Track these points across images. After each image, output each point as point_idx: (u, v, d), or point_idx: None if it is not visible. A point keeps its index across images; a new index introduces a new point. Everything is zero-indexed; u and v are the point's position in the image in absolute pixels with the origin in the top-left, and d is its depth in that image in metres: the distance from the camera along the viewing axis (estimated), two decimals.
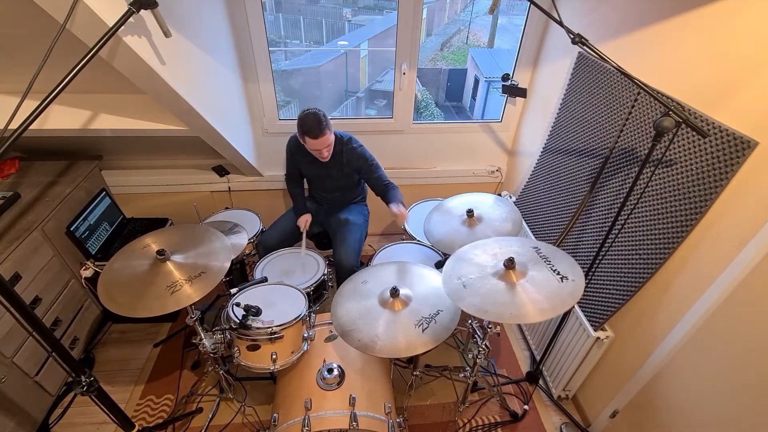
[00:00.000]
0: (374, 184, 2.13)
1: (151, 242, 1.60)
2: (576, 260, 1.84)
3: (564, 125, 2.08)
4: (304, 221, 2.20)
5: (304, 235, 2.18)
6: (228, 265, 1.53)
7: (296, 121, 1.89)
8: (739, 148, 1.21)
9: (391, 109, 2.54)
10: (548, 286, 1.30)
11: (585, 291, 1.79)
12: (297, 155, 2.11)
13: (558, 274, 1.33)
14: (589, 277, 1.68)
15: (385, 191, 2.10)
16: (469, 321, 1.84)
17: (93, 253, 2.16)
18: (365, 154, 2.09)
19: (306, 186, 2.35)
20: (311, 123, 1.84)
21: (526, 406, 2.05)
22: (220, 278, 1.49)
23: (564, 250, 1.94)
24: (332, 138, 1.95)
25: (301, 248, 2.16)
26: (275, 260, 2.08)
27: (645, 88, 1.29)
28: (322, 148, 1.91)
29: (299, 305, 1.67)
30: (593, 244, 1.79)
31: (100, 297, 1.41)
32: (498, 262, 1.39)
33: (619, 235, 1.65)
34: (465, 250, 1.52)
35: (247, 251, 2.17)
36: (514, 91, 2.52)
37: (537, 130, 2.41)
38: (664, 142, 1.45)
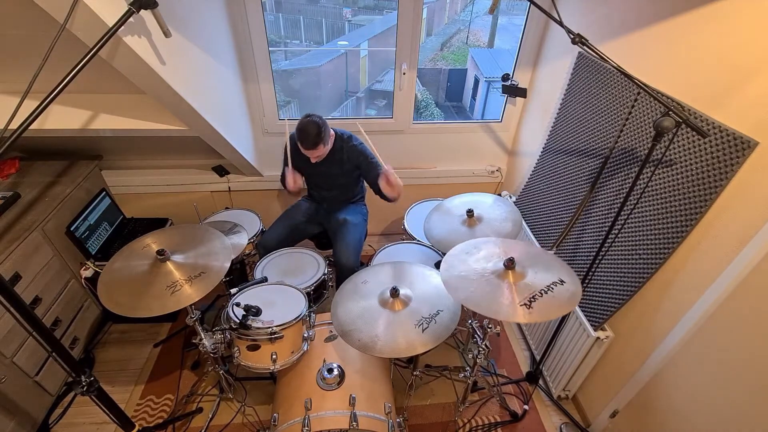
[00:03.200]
0: (373, 183, 2.13)
1: (151, 242, 1.60)
2: (576, 259, 1.86)
3: (564, 125, 2.08)
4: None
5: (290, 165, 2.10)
6: (228, 265, 1.53)
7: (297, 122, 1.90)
8: (739, 148, 1.21)
9: (391, 109, 2.54)
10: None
11: (585, 291, 1.79)
12: (297, 153, 2.11)
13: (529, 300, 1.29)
14: (589, 277, 1.68)
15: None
16: (469, 321, 1.84)
17: (93, 253, 2.16)
18: (365, 151, 2.10)
19: (305, 186, 2.35)
20: (308, 133, 1.86)
21: (526, 406, 2.05)
22: (220, 278, 1.49)
23: (564, 249, 1.96)
24: (325, 150, 1.98)
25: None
26: (275, 260, 2.07)
27: (645, 88, 1.29)
28: (312, 156, 1.96)
29: (299, 305, 1.67)
30: (593, 243, 1.79)
31: (100, 297, 1.41)
32: (500, 260, 1.40)
33: (619, 235, 1.65)
34: (476, 242, 1.55)
35: (247, 251, 2.17)
36: (514, 91, 2.52)
37: (537, 130, 2.41)
38: (664, 142, 1.45)
